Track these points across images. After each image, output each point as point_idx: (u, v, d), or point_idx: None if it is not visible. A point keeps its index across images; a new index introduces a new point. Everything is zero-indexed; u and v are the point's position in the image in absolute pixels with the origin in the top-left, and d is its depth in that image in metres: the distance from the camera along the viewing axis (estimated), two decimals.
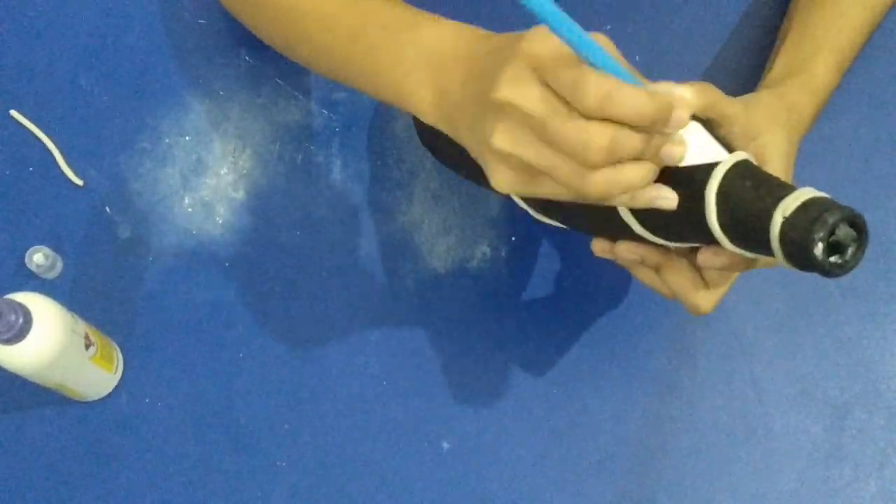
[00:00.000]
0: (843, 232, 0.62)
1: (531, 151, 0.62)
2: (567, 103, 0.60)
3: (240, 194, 0.97)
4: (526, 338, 0.93)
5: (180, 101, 0.99)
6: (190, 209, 0.97)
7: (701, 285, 0.75)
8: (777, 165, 0.74)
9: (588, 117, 0.60)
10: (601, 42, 0.62)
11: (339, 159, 0.98)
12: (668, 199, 0.66)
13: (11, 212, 0.97)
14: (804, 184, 0.65)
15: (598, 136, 0.59)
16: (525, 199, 0.80)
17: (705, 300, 0.76)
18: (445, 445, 0.91)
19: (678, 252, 0.75)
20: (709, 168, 0.67)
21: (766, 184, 0.66)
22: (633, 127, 0.60)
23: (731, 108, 0.74)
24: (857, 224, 0.63)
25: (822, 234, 0.61)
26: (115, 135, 0.99)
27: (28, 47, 1.01)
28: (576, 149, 0.60)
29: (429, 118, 0.70)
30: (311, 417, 0.92)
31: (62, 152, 0.98)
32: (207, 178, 0.97)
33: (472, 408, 0.92)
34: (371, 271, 0.95)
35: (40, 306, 0.82)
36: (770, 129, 0.75)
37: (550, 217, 0.80)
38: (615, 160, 0.61)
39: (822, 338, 0.93)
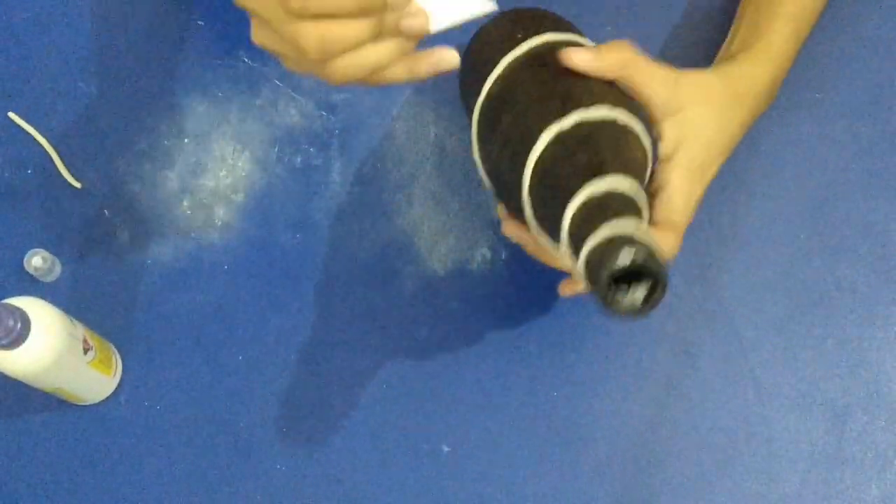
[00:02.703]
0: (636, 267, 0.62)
1: (278, 47, 0.62)
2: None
3: (239, 196, 0.97)
4: (526, 340, 0.93)
5: (179, 104, 0.99)
6: (189, 211, 0.97)
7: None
8: (696, 142, 0.75)
9: (300, 18, 0.59)
10: None
11: (338, 161, 0.97)
12: (447, 60, 0.65)
13: (10, 215, 0.97)
14: (808, 187, 0.64)
15: (306, 37, 0.59)
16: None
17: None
18: (445, 448, 0.91)
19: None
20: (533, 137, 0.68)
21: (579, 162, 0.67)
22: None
23: (650, 70, 0.74)
24: (650, 271, 0.62)
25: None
26: (114, 137, 0.99)
27: (26, 49, 1.01)
28: (297, 49, 0.60)
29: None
30: (310, 421, 0.92)
31: (60, 155, 0.98)
32: (206, 181, 0.97)
33: (472, 411, 0.92)
34: (371, 273, 0.95)
35: (38, 311, 0.81)
36: (698, 104, 0.75)
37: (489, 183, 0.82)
38: (341, 50, 0.60)
39: (822, 339, 0.92)
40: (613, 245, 0.62)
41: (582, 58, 0.72)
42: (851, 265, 0.94)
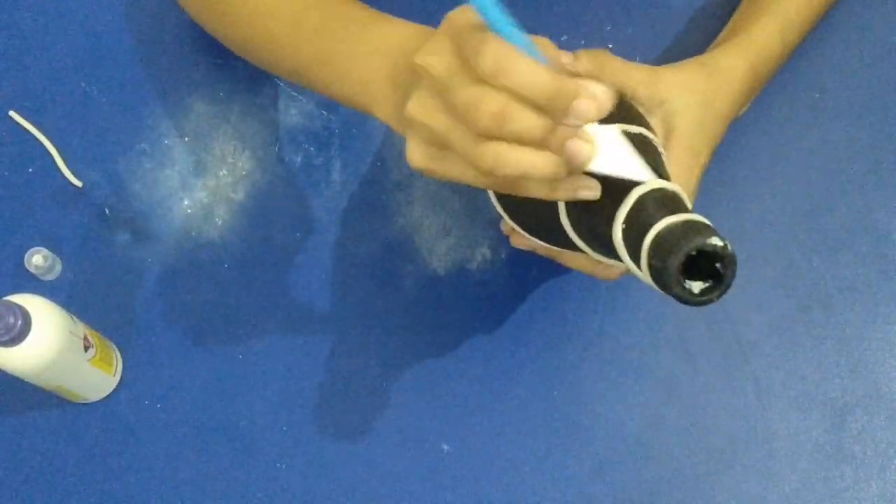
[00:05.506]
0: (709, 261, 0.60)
1: (437, 119, 0.61)
2: (473, 70, 0.59)
3: (239, 196, 0.97)
4: (526, 339, 0.93)
5: (179, 103, 0.99)
6: (189, 211, 0.97)
7: (599, 265, 0.77)
8: (685, 130, 0.75)
9: (485, 83, 0.58)
10: (542, 42, 0.61)
11: (338, 161, 0.97)
12: (589, 188, 0.64)
13: (11, 213, 0.97)
14: (808, 186, 0.65)
15: (489, 100, 0.57)
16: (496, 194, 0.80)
17: (609, 271, 0.78)
18: (445, 447, 0.91)
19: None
20: (627, 188, 0.64)
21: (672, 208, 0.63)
22: (534, 108, 0.58)
23: (627, 70, 0.74)
24: (725, 260, 0.59)
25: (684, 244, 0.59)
26: (115, 136, 0.99)
27: (27, 48, 1.01)
28: (468, 112, 0.58)
29: (383, 112, 0.68)
30: (311, 419, 0.92)
31: (61, 154, 0.98)
32: (207, 180, 0.97)
33: (472, 410, 0.92)
34: (371, 273, 0.95)
35: (39, 308, 0.81)
36: (681, 93, 0.76)
37: (504, 209, 0.80)
38: (508, 132, 0.58)
39: (822, 338, 0.92)
40: (690, 228, 0.59)
41: (564, 60, 0.72)
42: (851, 265, 0.94)
